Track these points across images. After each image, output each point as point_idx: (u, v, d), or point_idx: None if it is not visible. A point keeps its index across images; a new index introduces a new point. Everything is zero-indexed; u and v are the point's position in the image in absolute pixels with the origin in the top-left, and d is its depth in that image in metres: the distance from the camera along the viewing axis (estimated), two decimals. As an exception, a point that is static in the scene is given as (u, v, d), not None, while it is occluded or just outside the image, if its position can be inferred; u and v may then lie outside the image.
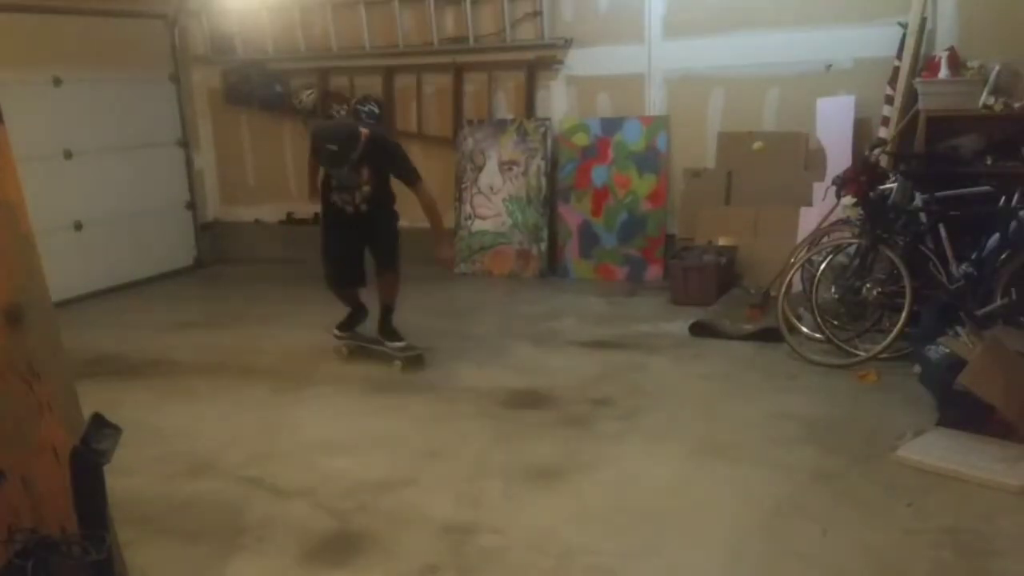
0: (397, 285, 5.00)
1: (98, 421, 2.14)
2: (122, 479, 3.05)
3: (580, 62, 6.73)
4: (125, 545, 2.56)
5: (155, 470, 3.75)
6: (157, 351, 5.51)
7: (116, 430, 2.15)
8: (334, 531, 3.20)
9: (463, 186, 7.20)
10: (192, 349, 5.56)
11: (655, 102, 6.55)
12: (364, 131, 4.69)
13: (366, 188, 4.77)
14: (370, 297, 5.12)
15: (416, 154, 7.50)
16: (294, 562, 3.00)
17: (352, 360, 5.14)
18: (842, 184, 4.93)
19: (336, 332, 5.21)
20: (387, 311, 5.04)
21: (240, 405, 4.54)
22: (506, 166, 7.03)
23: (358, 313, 5.18)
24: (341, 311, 5.16)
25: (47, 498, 2.19)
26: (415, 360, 4.97)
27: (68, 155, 6.85)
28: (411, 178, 4.79)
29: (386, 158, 4.79)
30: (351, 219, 4.86)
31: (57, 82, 6.75)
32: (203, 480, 3.68)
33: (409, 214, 5.15)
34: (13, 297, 2.16)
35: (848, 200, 5.03)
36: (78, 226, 6.96)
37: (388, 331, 5.03)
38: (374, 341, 5.10)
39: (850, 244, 4.80)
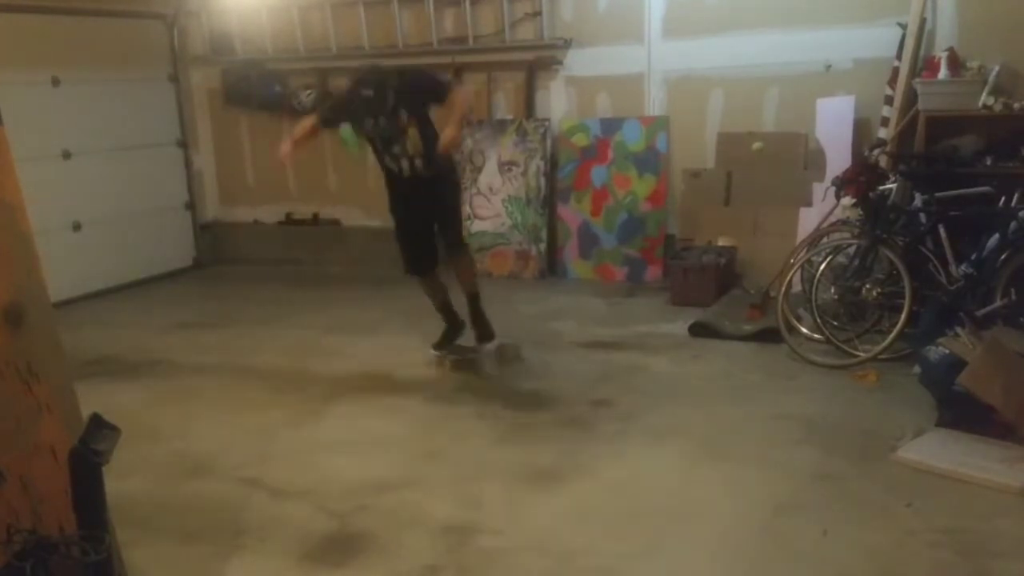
0: (473, 265, 4.79)
1: (97, 421, 2.14)
2: (121, 479, 3.06)
3: (579, 62, 6.72)
4: (124, 545, 2.55)
5: (154, 470, 3.75)
6: (156, 351, 5.50)
7: (115, 430, 2.15)
8: (334, 531, 3.20)
9: (462, 187, 7.19)
10: (191, 350, 5.55)
11: (655, 102, 6.54)
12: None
13: (412, 132, 4.43)
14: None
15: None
16: (294, 562, 3.00)
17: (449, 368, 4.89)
18: (842, 184, 4.93)
19: (434, 352, 4.93)
20: (474, 299, 4.78)
21: (239, 405, 4.53)
22: (505, 166, 7.03)
23: (454, 329, 4.91)
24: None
25: (46, 499, 2.19)
26: (510, 356, 4.85)
27: (67, 155, 6.84)
28: (445, 92, 4.51)
29: (415, 86, 4.49)
30: (409, 184, 4.56)
31: (56, 82, 6.74)
32: (202, 480, 3.68)
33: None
34: (12, 297, 2.16)
35: (848, 200, 5.03)
36: (77, 227, 6.96)
37: (480, 322, 4.81)
38: (471, 350, 4.90)
39: (850, 245, 4.80)
